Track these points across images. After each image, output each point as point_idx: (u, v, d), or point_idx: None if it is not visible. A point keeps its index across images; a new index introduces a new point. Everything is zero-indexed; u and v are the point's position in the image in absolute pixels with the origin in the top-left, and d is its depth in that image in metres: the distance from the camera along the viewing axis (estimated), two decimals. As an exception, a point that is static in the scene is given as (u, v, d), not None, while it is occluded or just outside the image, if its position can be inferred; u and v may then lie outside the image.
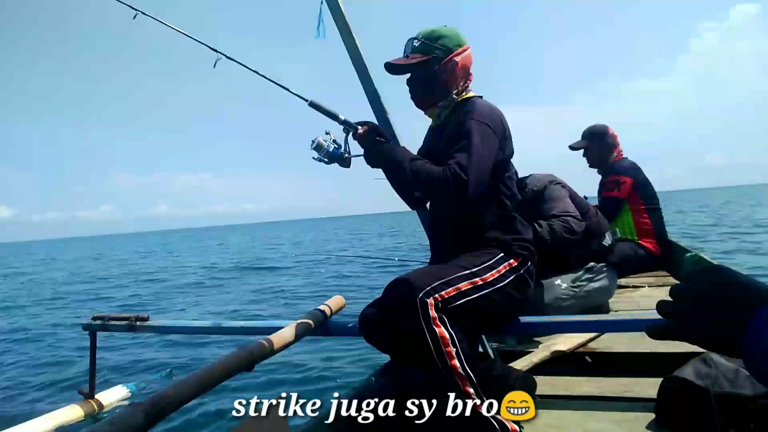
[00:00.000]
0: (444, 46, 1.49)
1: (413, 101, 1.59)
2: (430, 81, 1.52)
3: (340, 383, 3.07)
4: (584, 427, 1.36)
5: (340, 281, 8.86)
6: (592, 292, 2.24)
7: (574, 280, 2.21)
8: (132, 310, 3.93)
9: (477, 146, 1.35)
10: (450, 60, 1.50)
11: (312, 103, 1.50)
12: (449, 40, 1.50)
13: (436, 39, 1.50)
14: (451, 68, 1.50)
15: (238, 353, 1.28)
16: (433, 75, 1.51)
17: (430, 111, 1.59)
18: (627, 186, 3.26)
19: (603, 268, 2.30)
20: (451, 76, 1.51)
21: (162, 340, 4.47)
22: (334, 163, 1.47)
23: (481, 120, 1.40)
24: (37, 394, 3.34)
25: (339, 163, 1.48)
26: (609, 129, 3.41)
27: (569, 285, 2.19)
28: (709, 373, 1.23)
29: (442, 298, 1.24)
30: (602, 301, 2.35)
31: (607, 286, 2.30)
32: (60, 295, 9.69)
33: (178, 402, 1.03)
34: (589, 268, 2.27)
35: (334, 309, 1.86)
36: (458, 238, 1.50)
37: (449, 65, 1.50)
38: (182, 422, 2.52)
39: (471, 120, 1.40)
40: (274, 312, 6.24)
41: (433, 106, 1.56)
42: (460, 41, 1.52)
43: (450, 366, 1.20)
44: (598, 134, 3.40)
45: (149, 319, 2.15)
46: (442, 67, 1.50)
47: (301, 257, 15.22)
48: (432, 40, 1.50)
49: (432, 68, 1.50)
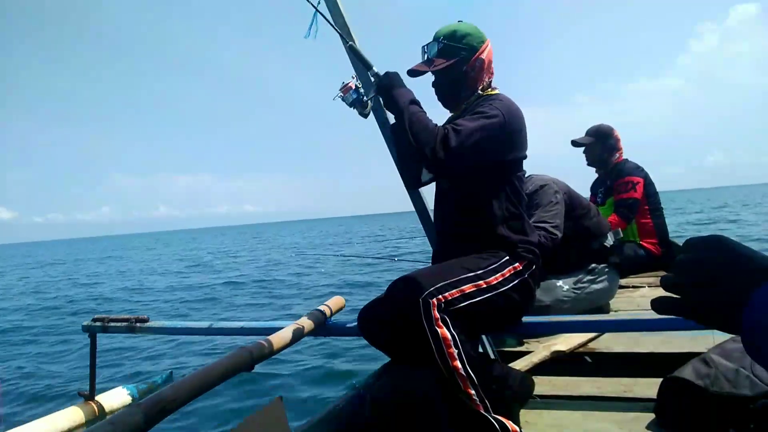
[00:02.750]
0: (469, 44, 1.47)
1: (441, 102, 1.57)
2: (459, 82, 1.50)
3: (339, 383, 3.07)
4: (584, 427, 1.36)
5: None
6: (594, 294, 2.23)
7: (576, 282, 2.20)
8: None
9: (480, 121, 1.33)
10: (477, 58, 1.47)
11: (351, 46, 1.47)
12: (473, 38, 1.47)
13: (460, 39, 1.46)
14: (479, 66, 1.48)
15: (238, 354, 1.27)
16: (462, 75, 1.48)
17: (456, 110, 1.57)
18: (641, 186, 3.28)
19: (605, 269, 2.29)
20: (479, 74, 1.49)
21: (162, 341, 4.47)
22: (354, 106, 1.47)
23: (498, 108, 1.38)
24: (37, 396, 3.34)
25: (358, 109, 1.48)
26: (614, 131, 3.43)
27: (571, 287, 2.18)
28: (709, 373, 1.23)
29: (446, 299, 1.24)
30: (603, 302, 2.34)
31: (608, 287, 2.29)
32: (59, 296, 9.69)
33: (178, 402, 1.03)
34: (590, 270, 2.25)
35: (333, 309, 1.86)
36: (466, 235, 1.49)
37: (476, 64, 1.48)
38: (182, 422, 2.52)
39: (490, 104, 1.39)
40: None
41: (461, 104, 1.54)
42: (482, 37, 1.49)
43: (452, 367, 1.19)
44: (604, 134, 3.42)
45: (149, 320, 2.15)
46: (470, 67, 1.47)
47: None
48: (456, 40, 1.46)
49: (460, 69, 1.47)
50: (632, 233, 3.36)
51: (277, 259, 15.57)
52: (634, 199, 3.26)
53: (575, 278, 2.21)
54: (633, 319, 1.64)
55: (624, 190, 3.29)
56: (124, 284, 11.48)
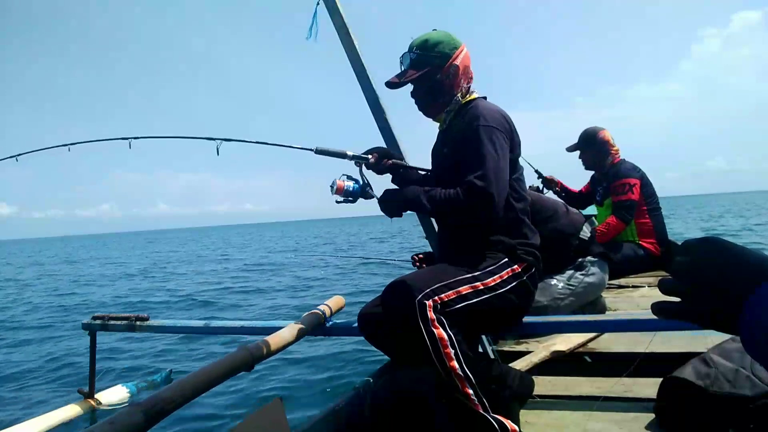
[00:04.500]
0: (441, 52, 1.48)
1: (421, 111, 1.58)
2: (434, 90, 1.51)
3: (339, 383, 3.07)
4: (584, 427, 1.36)
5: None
6: (589, 287, 2.26)
7: (569, 278, 2.23)
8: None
9: (491, 154, 1.34)
10: (450, 65, 1.49)
11: (318, 149, 1.52)
12: (445, 45, 1.49)
13: (432, 47, 1.48)
14: (453, 73, 1.50)
15: (238, 353, 1.28)
16: (437, 83, 1.50)
17: (437, 117, 1.58)
18: (638, 188, 3.29)
19: (593, 260, 2.31)
20: (454, 80, 1.50)
21: (162, 340, 4.47)
22: (359, 199, 1.52)
23: (487, 125, 1.38)
24: (37, 394, 3.34)
25: (363, 197, 1.52)
26: (601, 132, 3.42)
27: (565, 283, 2.20)
28: (709, 373, 1.23)
29: (442, 300, 1.24)
30: (599, 292, 2.36)
31: (601, 276, 2.32)
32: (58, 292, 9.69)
33: (177, 402, 1.03)
34: (578, 265, 2.27)
35: (333, 309, 1.86)
36: (464, 239, 1.49)
37: (451, 70, 1.49)
38: (182, 422, 2.52)
39: (478, 127, 1.38)
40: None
41: (441, 112, 1.56)
42: (455, 43, 1.51)
43: (449, 367, 1.19)
44: (591, 139, 3.44)
45: (149, 318, 2.15)
46: (444, 74, 1.49)
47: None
48: (428, 49, 1.48)
49: (434, 77, 1.49)
50: (631, 233, 3.37)
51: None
52: (631, 200, 3.26)
53: (567, 275, 2.23)
54: (633, 319, 1.64)
55: (621, 192, 3.29)
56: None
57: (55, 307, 7.55)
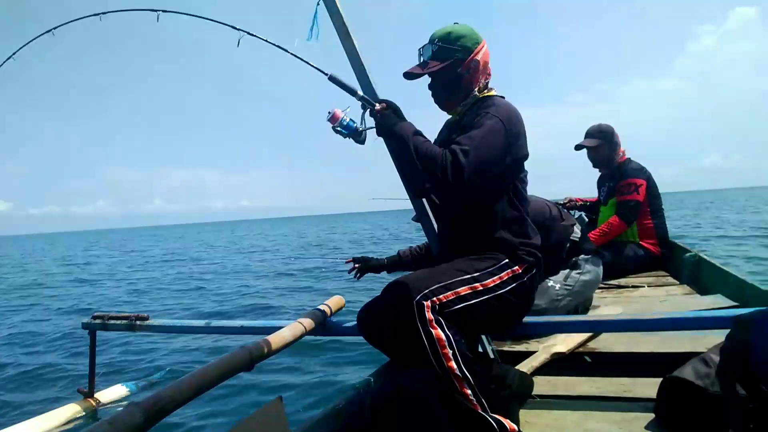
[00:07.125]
0: (463, 46, 1.47)
1: (437, 104, 1.58)
2: (453, 83, 1.50)
3: (339, 383, 3.07)
4: (584, 427, 1.36)
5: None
6: (585, 285, 2.28)
7: (566, 278, 2.24)
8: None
9: (483, 136, 1.33)
10: (472, 59, 1.48)
11: (332, 77, 1.46)
12: (467, 39, 1.48)
13: (454, 40, 1.47)
14: (473, 68, 1.49)
15: (238, 353, 1.28)
16: (457, 77, 1.49)
17: (453, 111, 1.58)
18: (644, 189, 3.27)
19: (586, 259, 2.32)
20: (473, 75, 1.50)
21: (161, 340, 4.47)
22: (350, 137, 1.46)
23: (495, 115, 1.38)
24: (37, 394, 3.34)
25: (355, 138, 1.47)
26: (614, 129, 3.43)
27: (562, 284, 2.22)
28: (709, 373, 1.23)
29: (440, 301, 1.24)
30: (595, 288, 2.39)
31: (596, 272, 2.35)
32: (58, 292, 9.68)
33: (177, 401, 1.03)
34: (573, 264, 2.29)
35: (333, 309, 1.86)
36: (466, 236, 1.49)
37: (471, 65, 1.48)
38: (182, 422, 2.52)
39: (488, 113, 1.39)
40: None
41: (456, 106, 1.55)
42: (477, 38, 1.50)
43: (447, 367, 1.19)
44: (608, 133, 3.40)
45: (149, 318, 2.15)
46: (464, 68, 1.48)
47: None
48: (450, 42, 1.47)
49: (455, 71, 1.48)
50: (632, 234, 3.37)
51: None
52: (636, 201, 3.25)
53: (563, 275, 2.25)
54: (633, 319, 1.64)
55: (627, 191, 3.28)
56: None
57: (55, 307, 7.55)
